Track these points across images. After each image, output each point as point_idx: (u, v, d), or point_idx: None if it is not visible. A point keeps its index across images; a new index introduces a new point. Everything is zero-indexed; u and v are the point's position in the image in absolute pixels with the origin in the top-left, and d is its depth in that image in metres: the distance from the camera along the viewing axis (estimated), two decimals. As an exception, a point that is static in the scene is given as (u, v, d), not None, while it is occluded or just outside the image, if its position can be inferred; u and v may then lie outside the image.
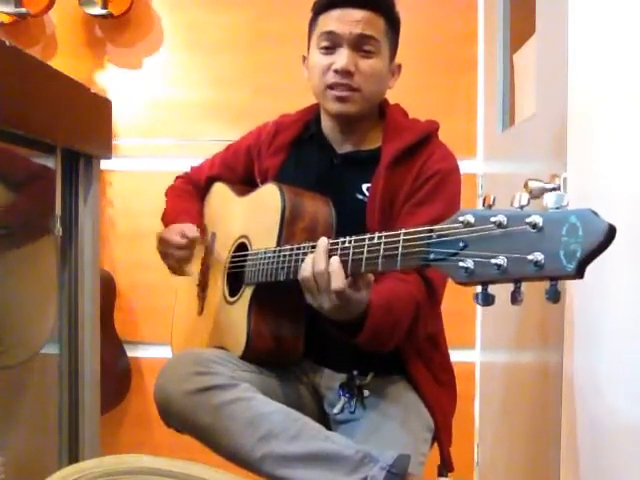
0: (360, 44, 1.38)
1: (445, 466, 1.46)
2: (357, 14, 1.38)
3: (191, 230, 1.46)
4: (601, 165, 1.28)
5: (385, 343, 1.29)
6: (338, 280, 1.10)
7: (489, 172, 2.37)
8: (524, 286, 0.83)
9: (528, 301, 0.85)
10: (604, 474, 1.27)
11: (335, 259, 1.11)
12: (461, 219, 0.87)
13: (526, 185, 1.28)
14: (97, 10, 2.49)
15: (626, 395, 1.22)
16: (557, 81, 1.41)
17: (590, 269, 0.77)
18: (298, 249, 1.23)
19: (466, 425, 2.42)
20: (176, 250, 1.47)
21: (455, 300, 1.41)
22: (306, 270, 1.15)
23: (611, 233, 0.75)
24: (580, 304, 1.31)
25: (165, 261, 1.52)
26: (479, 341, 2.47)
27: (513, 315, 1.89)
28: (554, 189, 1.32)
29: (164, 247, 1.49)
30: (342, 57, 1.38)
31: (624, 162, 1.25)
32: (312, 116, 1.54)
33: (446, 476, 1.46)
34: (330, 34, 1.39)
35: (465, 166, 1.65)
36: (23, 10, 2.44)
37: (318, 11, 1.44)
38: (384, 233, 1.04)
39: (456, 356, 1.57)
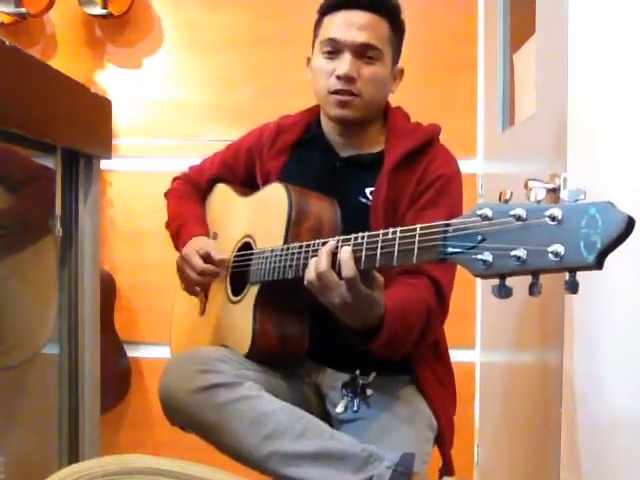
0: (362, 52, 1.39)
1: (446, 468, 1.45)
2: (361, 18, 1.38)
3: (217, 253, 1.44)
4: (601, 165, 1.28)
5: (399, 350, 1.29)
6: (348, 269, 1.09)
7: (489, 172, 2.37)
8: (541, 278, 0.83)
9: (528, 301, 0.85)
10: (604, 474, 1.27)
11: (346, 249, 1.10)
12: (479, 213, 0.88)
13: (526, 185, 1.28)
14: (97, 10, 2.49)
15: (626, 395, 1.22)
16: (557, 81, 1.41)
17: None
18: (307, 246, 1.23)
19: (466, 425, 2.41)
20: (197, 275, 1.45)
21: (455, 300, 1.41)
22: (310, 273, 1.15)
23: (630, 224, 0.76)
24: (580, 304, 1.31)
25: (181, 279, 1.51)
26: (479, 341, 2.47)
27: (513, 315, 1.89)
28: (554, 189, 1.32)
29: (187, 268, 1.47)
30: (344, 63, 1.38)
31: (624, 162, 1.25)
32: (313, 117, 1.54)
33: (448, 476, 1.46)
34: (332, 41, 1.40)
35: (465, 166, 1.65)
36: (23, 10, 2.44)
37: (323, 12, 1.44)
38: (399, 228, 1.04)
39: (456, 356, 1.56)
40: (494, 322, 2.25)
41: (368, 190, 1.42)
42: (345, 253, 1.10)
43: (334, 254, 1.13)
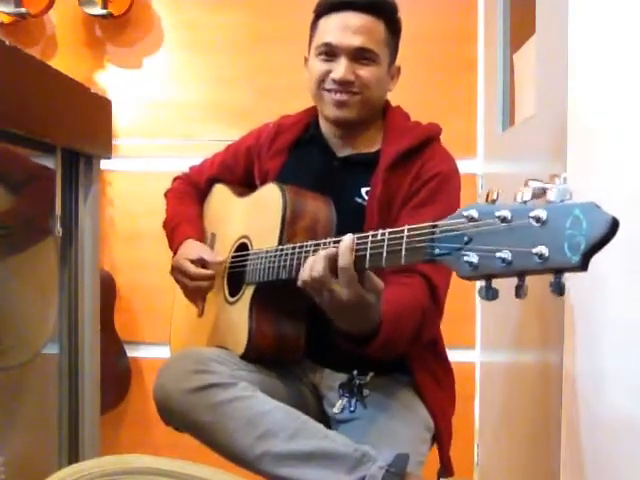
0: (358, 55, 1.38)
1: (445, 469, 1.45)
2: (357, 20, 1.38)
3: (211, 256, 1.45)
4: (601, 165, 1.28)
5: (393, 351, 1.28)
6: (346, 257, 1.07)
7: (489, 172, 2.37)
8: (528, 280, 0.83)
9: (528, 301, 0.85)
10: (605, 474, 1.27)
11: (349, 236, 1.08)
12: (465, 214, 0.88)
13: (526, 185, 1.29)
14: (97, 10, 2.49)
15: (626, 395, 1.22)
16: (557, 81, 1.41)
17: (590, 268, 0.78)
18: (300, 247, 1.23)
19: (466, 425, 2.42)
20: (191, 281, 1.46)
21: (455, 300, 1.41)
22: (304, 274, 1.12)
23: (614, 226, 0.75)
24: (580, 304, 1.31)
25: (181, 287, 1.52)
26: (479, 341, 2.47)
27: (513, 315, 1.89)
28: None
29: (179, 276, 1.49)
30: (340, 67, 1.38)
31: (624, 162, 1.25)
32: (312, 118, 1.53)
33: (446, 477, 1.46)
34: (328, 45, 1.39)
35: (465, 166, 1.66)
36: (23, 10, 2.44)
37: (319, 14, 1.44)
38: (387, 230, 1.03)
39: (456, 356, 1.56)
40: (494, 322, 2.25)
41: (364, 190, 1.41)
42: (347, 240, 1.07)
43: (332, 260, 1.10)
